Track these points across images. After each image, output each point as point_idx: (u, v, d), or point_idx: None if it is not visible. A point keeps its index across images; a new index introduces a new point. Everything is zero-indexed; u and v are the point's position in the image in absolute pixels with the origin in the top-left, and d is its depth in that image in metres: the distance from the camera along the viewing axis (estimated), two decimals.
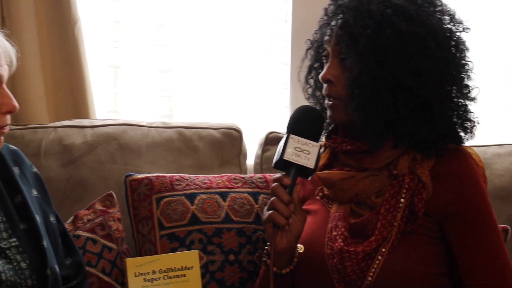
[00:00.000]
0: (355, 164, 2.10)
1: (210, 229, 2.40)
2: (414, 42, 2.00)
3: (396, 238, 2.01)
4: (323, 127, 2.12)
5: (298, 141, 1.99)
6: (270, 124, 3.09)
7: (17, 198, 2.05)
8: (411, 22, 2.01)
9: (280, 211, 1.98)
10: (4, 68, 1.94)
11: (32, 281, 1.96)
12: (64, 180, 2.63)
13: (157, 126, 2.78)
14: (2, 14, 2.77)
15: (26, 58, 2.78)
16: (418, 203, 2.02)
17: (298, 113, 2.07)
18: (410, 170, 2.05)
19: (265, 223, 2.02)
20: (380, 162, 2.08)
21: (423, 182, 2.03)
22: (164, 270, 2.09)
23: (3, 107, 1.93)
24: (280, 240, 2.02)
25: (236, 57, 3.13)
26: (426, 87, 2.01)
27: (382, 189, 2.07)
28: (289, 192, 1.99)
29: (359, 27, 2.01)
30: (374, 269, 2.01)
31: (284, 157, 1.98)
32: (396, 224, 2.02)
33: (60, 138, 2.69)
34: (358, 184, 2.08)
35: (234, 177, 2.54)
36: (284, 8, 3.07)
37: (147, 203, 2.42)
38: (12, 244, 1.97)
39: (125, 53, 3.03)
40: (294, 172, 1.99)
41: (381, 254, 2.01)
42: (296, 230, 2.04)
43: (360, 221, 2.06)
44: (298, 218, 2.04)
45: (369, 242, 2.02)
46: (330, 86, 2.08)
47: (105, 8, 2.99)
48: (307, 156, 1.98)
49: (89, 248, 2.35)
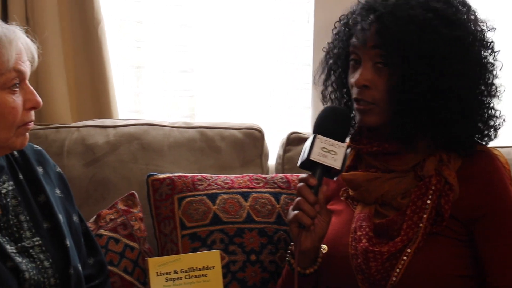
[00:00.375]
0: (381, 165, 2.10)
1: (231, 229, 2.40)
2: (457, 45, 2.00)
3: (422, 240, 2.00)
4: (349, 128, 2.12)
5: (325, 142, 1.98)
6: (292, 124, 3.09)
7: (41, 198, 2.06)
8: (452, 25, 2.01)
9: (306, 211, 1.97)
10: (26, 64, 1.95)
11: (55, 280, 1.97)
12: (86, 179, 2.64)
13: (179, 126, 2.78)
14: (26, 15, 2.79)
15: (49, 58, 2.81)
16: (444, 204, 2.01)
17: (325, 113, 2.07)
18: (436, 172, 2.04)
19: (290, 223, 2.01)
20: (406, 164, 2.07)
21: (450, 184, 2.02)
22: (185, 269, 2.09)
23: (27, 103, 1.95)
24: (305, 240, 2.02)
25: (258, 57, 3.13)
26: (464, 89, 2.00)
27: (408, 191, 2.06)
28: (315, 193, 1.98)
29: (402, 32, 1.99)
30: (399, 270, 2.00)
31: (310, 157, 1.97)
32: (422, 225, 2.01)
33: (83, 138, 2.70)
34: (384, 185, 2.07)
35: (255, 177, 2.54)
36: (306, 8, 3.07)
37: (169, 203, 2.43)
38: (35, 243, 1.99)
39: (148, 53, 3.05)
40: (320, 172, 1.98)
41: (406, 254, 2.00)
42: (321, 230, 2.04)
43: (385, 221, 2.06)
44: (323, 218, 2.03)
45: (395, 243, 2.01)
46: (365, 90, 2.05)
47: (127, 8, 3.01)
48: (333, 157, 1.97)
49: (111, 247, 2.36)
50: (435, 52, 1.99)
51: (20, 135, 1.95)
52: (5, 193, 2.00)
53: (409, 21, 2.00)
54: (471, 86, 2.02)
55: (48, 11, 2.79)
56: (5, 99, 1.89)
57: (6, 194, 2.00)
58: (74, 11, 2.83)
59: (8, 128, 1.91)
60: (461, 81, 2.00)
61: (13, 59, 1.89)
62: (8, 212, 1.97)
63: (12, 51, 1.89)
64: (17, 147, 1.96)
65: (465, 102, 2.01)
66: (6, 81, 1.89)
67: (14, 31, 1.93)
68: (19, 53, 1.92)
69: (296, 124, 3.08)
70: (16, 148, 1.98)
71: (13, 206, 2.00)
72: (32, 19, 2.79)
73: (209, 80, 3.12)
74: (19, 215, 2.00)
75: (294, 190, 2.46)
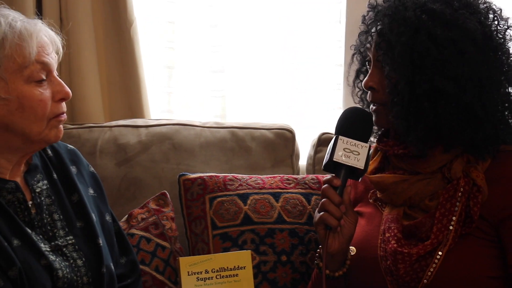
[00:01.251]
0: (408, 167, 2.09)
1: (262, 230, 2.40)
2: (450, 47, 1.97)
3: (453, 242, 1.99)
4: (372, 128, 2.12)
5: (347, 142, 1.99)
6: (323, 124, 3.08)
7: (74, 197, 2.08)
8: (448, 27, 1.98)
9: (331, 212, 1.98)
10: (51, 56, 1.97)
11: (87, 278, 1.99)
12: (118, 179, 2.66)
13: (210, 126, 2.79)
14: (60, 16, 2.81)
15: (83, 58, 2.83)
16: (473, 206, 1.99)
17: (347, 114, 2.08)
18: (464, 174, 2.03)
19: (317, 225, 2.02)
20: (432, 166, 2.06)
21: (478, 186, 2.00)
22: (216, 269, 2.09)
23: (56, 94, 1.96)
24: (332, 242, 2.02)
25: (290, 57, 3.13)
26: (466, 92, 1.97)
27: (435, 193, 2.05)
28: (339, 193, 1.99)
29: (394, 34, 2.00)
30: (431, 272, 1.98)
31: (333, 159, 1.98)
32: (452, 228, 1.99)
33: (115, 138, 2.72)
34: (412, 188, 2.06)
35: (286, 178, 2.54)
36: (338, 8, 3.06)
37: (200, 203, 2.44)
38: (68, 242, 2.00)
39: (179, 54, 3.06)
40: (344, 173, 1.99)
41: (437, 257, 1.99)
42: (348, 231, 2.04)
43: (414, 223, 2.05)
44: (350, 219, 2.03)
45: (424, 245, 2.00)
46: (373, 92, 2.08)
47: (160, 9, 3.02)
48: (356, 157, 1.98)
49: (143, 246, 2.37)
50: (426, 54, 1.97)
51: (53, 128, 1.96)
52: (39, 192, 2.01)
53: (401, 23, 2.00)
54: (473, 88, 1.98)
55: (81, 12, 2.82)
56: (32, 92, 1.91)
57: (40, 193, 2.02)
58: (107, 12, 2.86)
59: (39, 121, 1.92)
60: (457, 83, 1.97)
61: (35, 51, 1.90)
62: (42, 211, 1.99)
63: (33, 43, 1.90)
64: (51, 140, 1.97)
65: (467, 104, 1.98)
66: (31, 74, 1.90)
67: (35, 24, 1.94)
68: (42, 46, 1.93)
69: (327, 125, 3.07)
70: (51, 142, 1.99)
71: (47, 205, 2.02)
72: (66, 19, 2.81)
73: (240, 80, 3.13)
74: (53, 214, 2.02)
75: None
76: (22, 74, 1.90)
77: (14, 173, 1.98)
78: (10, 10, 1.96)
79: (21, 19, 1.94)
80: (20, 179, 2.00)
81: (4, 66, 1.88)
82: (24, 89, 1.90)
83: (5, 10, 1.96)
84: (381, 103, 2.07)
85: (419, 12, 2.00)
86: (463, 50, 1.98)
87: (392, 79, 2.02)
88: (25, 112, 1.90)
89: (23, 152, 1.97)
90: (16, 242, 1.89)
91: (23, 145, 1.95)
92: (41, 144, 1.99)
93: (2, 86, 1.88)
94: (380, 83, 2.06)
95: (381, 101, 2.07)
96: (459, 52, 1.97)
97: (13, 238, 1.89)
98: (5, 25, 1.89)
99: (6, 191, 1.94)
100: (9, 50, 1.88)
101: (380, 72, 2.06)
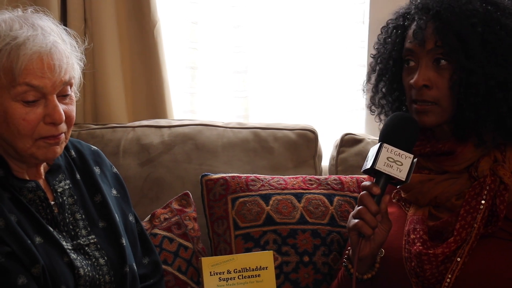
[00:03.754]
0: (434, 166, 2.07)
1: (284, 230, 2.40)
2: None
3: (475, 240, 1.97)
4: (417, 137, 2.05)
5: (391, 151, 1.95)
6: (346, 125, 3.08)
7: (97, 197, 2.09)
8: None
9: (367, 221, 1.95)
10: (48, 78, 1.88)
11: (110, 277, 2.00)
12: (141, 179, 2.67)
13: (233, 126, 2.79)
14: (84, 16, 2.83)
15: (106, 59, 2.85)
16: (500, 205, 1.98)
17: (394, 121, 2.03)
18: (491, 172, 2.01)
19: (350, 231, 1.99)
20: (460, 165, 2.05)
21: (505, 184, 1.99)
22: (239, 270, 2.10)
23: (47, 117, 1.90)
24: (364, 248, 1.99)
25: (312, 58, 3.12)
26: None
27: (462, 192, 2.04)
28: (377, 202, 1.95)
29: (467, 26, 1.98)
30: (453, 271, 1.97)
31: (376, 167, 1.94)
32: (476, 226, 1.98)
33: (138, 138, 2.73)
34: (438, 187, 2.05)
35: (309, 178, 2.53)
36: (361, 9, 3.05)
37: (223, 203, 2.44)
38: (90, 241, 2.01)
39: (202, 54, 3.07)
40: (384, 182, 1.96)
41: (460, 256, 1.97)
42: (381, 238, 2.01)
43: (440, 223, 2.03)
44: (384, 227, 2.01)
45: (448, 244, 1.98)
46: (425, 90, 2.03)
47: (183, 9, 3.03)
48: (399, 168, 1.94)
49: (166, 246, 2.38)
50: (499, 44, 1.97)
51: (41, 148, 1.92)
52: (61, 192, 2.03)
53: (469, 15, 1.99)
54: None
55: (105, 13, 2.83)
56: (16, 110, 1.87)
57: (62, 192, 2.03)
58: (131, 12, 2.87)
59: (22, 139, 1.89)
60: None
61: (21, 73, 1.84)
62: (64, 210, 2.01)
63: (21, 65, 1.84)
64: (39, 158, 1.94)
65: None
66: (17, 94, 1.87)
67: (46, 44, 1.87)
68: (34, 69, 1.86)
69: (349, 125, 3.06)
70: (40, 160, 1.96)
71: (69, 205, 2.03)
72: (90, 20, 2.83)
73: (263, 81, 3.13)
74: (75, 214, 2.03)
75: (348, 191, 2.46)
76: (9, 92, 1.86)
77: (33, 175, 1.99)
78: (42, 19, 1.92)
79: (32, 34, 1.87)
80: (42, 179, 2.01)
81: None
82: (10, 105, 1.87)
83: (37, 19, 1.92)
84: (434, 101, 2.03)
85: (484, 4, 2.00)
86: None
87: (458, 72, 1.99)
88: (9, 127, 1.88)
89: (26, 160, 1.95)
90: (39, 240, 1.90)
91: (18, 156, 1.93)
92: (31, 159, 1.95)
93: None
94: (434, 79, 2.03)
95: (435, 98, 2.03)
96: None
97: (35, 235, 1.90)
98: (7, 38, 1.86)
99: (27, 190, 1.95)
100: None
101: (434, 68, 2.03)
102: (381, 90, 2.21)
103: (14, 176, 1.94)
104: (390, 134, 2.00)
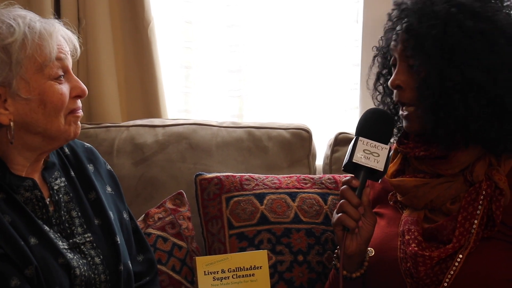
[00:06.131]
0: (429, 170, 2.07)
1: (279, 229, 2.40)
2: (481, 39, 1.97)
3: (474, 245, 1.98)
4: (393, 130, 2.11)
5: (367, 144, 1.98)
6: (340, 124, 3.08)
7: (92, 195, 2.09)
8: (478, 19, 1.98)
9: (350, 213, 1.97)
10: (68, 55, 2.00)
11: (105, 276, 2.00)
12: (135, 178, 2.67)
13: (227, 126, 2.79)
14: (78, 15, 2.83)
15: (100, 58, 2.85)
16: (496, 210, 1.98)
17: (367, 115, 2.07)
18: (486, 177, 2.01)
19: (335, 226, 2.01)
20: (454, 168, 2.05)
21: (500, 189, 1.99)
22: (233, 269, 2.10)
23: (73, 91, 1.98)
24: (350, 243, 2.01)
25: (306, 57, 3.13)
26: (496, 83, 1.97)
27: (457, 196, 2.04)
28: (358, 195, 1.98)
29: (425, 27, 1.99)
30: (451, 275, 1.97)
31: (353, 160, 1.97)
32: (474, 231, 1.98)
33: (132, 137, 2.73)
34: (433, 191, 2.05)
35: (303, 178, 2.54)
36: (355, 8, 3.05)
37: (217, 202, 2.44)
38: (86, 239, 2.01)
39: (197, 54, 3.06)
40: (363, 174, 1.99)
41: (458, 260, 1.97)
42: (366, 233, 2.03)
43: (435, 226, 2.03)
44: (368, 221, 2.02)
45: (446, 249, 1.99)
46: (400, 91, 2.06)
47: (177, 9, 3.03)
48: (376, 159, 1.97)
49: (160, 246, 2.38)
50: (458, 46, 1.96)
51: (71, 124, 1.98)
52: (57, 189, 2.03)
53: (432, 16, 1.99)
54: (504, 80, 1.97)
55: (99, 12, 2.83)
56: (53, 87, 1.93)
57: (59, 190, 2.03)
58: (125, 11, 2.87)
59: (58, 117, 1.94)
60: (489, 75, 1.96)
61: (55, 50, 1.93)
62: (60, 208, 2.00)
63: (53, 43, 1.93)
64: (71, 136, 1.99)
65: (497, 95, 1.97)
66: (51, 72, 1.93)
67: (53, 24, 1.98)
68: (60, 45, 1.97)
69: (344, 124, 3.07)
70: (70, 138, 2.00)
71: (65, 202, 2.03)
72: (84, 19, 2.83)
73: (257, 80, 3.13)
74: (71, 211, 2.03)
75: None
76: (43, 73, 1.92)
77: (31, 171, 2.00)
78: (25, 11, 1.99)
79: (38, 19, 1.96)
80: (37, 176, 2.01)
81: (25, 67, 1.90)
82: (46, 85, 1.93)
83: (20, 10, 1.98)
84: (409, 103, 2.05)
85: (447, 6, 2.00)
86: (493, 42, 1.97)
87: (421, 74, 2.00)
88: (46, 108, 1.92)
89: (41, 150, 1.98)
90: (33, 241, 1.90)
91: (42, 143, 1.96)
92: (60, 141, 2.00)
93: (23, 86, 1.90)
94: (406, 81, 2.04)
95: (408, 100, 2.04)
96: (489, 43, 1.97)
97: (30, 236, 1.90)
98: (24, 26, 1.92)
99: (24, 189, 1.95)
100: (30, 50, 1.90)
101: (407, 70, 2.04)
102: (378, 89, 2.25)
103: (11, 173, 1.94)
104: (365, 127, 2.03)
